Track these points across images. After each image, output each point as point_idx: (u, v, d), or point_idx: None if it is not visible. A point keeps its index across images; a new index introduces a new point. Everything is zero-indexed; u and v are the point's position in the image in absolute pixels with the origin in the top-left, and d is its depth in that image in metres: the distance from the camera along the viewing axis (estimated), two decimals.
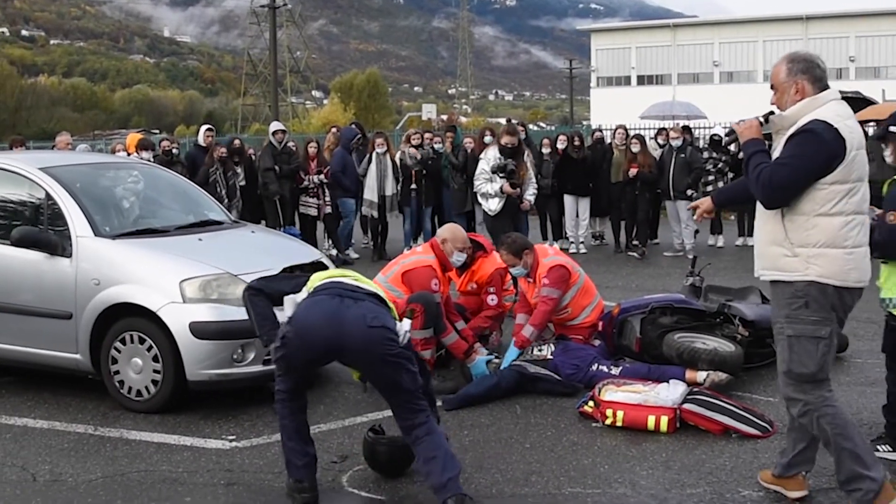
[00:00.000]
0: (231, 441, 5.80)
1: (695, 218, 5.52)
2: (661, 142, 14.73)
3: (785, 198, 4.27)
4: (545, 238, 14.89)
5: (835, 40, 61.14)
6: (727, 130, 4.88)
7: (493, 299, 7.81)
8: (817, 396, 4.33)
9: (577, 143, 14.44)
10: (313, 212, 13.89)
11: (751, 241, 12.02)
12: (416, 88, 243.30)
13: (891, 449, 5.20)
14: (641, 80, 66.75)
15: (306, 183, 13.70)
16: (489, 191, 10.18)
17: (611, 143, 14.77)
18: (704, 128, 22.39)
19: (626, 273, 12.49)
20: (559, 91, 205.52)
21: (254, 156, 14.67)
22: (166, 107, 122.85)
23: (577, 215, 14.54)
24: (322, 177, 13.68)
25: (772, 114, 4.48)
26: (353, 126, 15.35)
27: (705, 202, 5.01)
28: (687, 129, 15.25)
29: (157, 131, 70.40)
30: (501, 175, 10.02)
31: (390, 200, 13.90)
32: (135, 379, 6.37)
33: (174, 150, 13.79)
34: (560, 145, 14.49)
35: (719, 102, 33.14)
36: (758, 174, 4.29)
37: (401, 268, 7.22)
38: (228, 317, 6.21)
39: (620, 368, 6.80)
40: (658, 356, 6.92)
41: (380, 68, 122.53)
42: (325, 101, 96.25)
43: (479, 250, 7.91)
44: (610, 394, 6.03)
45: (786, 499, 4.66)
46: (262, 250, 7.30)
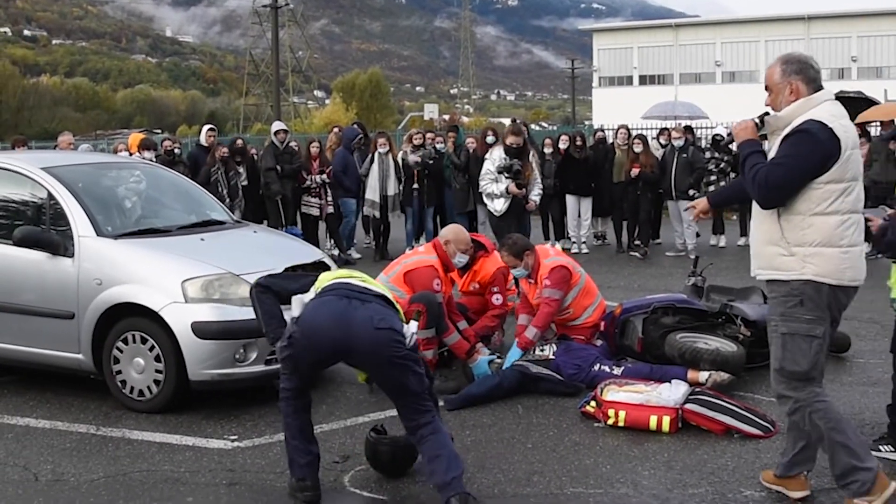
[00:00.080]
0: (233, 441, 5.80)
1: (691, 218, 5.53)
2: (663, 142, 14.73)
3: (781, 197, 4.29)
4: (547, 238, 14.88)
5: (837, 40, 61.13)
6: (729, 131, 4.90)
7: (498, 298, 7.80)
8: (808, 393, 4.36)
9: (579, 143, 14.43)
10: (315, 212, 13.88)
11: None
12: (417, 88, 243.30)
13: (893, 449, 5.19)
14: (643, 80, 66.71)
15: (308, 183, 13.70)
16: (495, 191, 10.15)
17: (613, 143, 14.77)
18: (706, 128, 22.37)
19: (628, 273, 12.48)
20: (561, 91, 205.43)
21: (256, 155, 14.66)
22: (168, 107, 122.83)
23: (580, 215, 14.53)
24: (324, 177, 13.68)
25: (767, 115, 4.51)
26: (356, 126, 15.37)
27: (701, 203, 5.06)
28: (689, 129, 15.23)
29: (160, 131, 70.36)
30: (507, 175, 10.00)
31: (392, 200, 13.89)
32: (137, 379, 6.37)
33: (176, 150, 13.82)
34: (562, 145, 14.50)
35: (721, 102, 33.05)
36: (754, 174, 4.32)
37: (403, 268, 7.22)
38: (230, 317, 6.21)
39: (622, 368, 6.80)
40: (660, 356, 6.92)
41: (382, 68, 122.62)
42: (327, 101, 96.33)
43: (481, 250, 7.90)
44: (612, 394, 6.03)
45: (788, 499, 4.66)
46: (264, 250, 7.30)
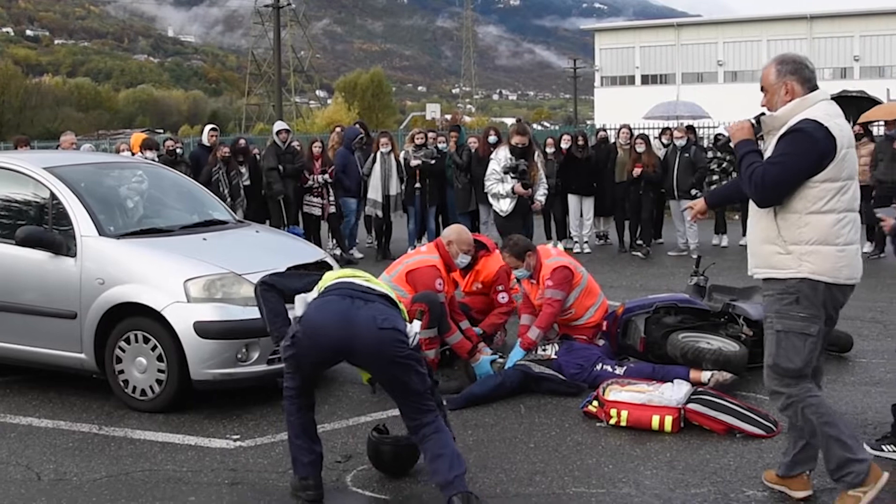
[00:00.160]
0: (235, 440, 5.80)
1: (689, 219, 5.55)
2: (665, 141, 14.72)
3: (777, 196, 4.32)
4: (549, 238, 14.87)
5: (839, 39, 61.12)
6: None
7: (503, 297, 7.80)
8: (800, 388, 4.39)
9: (581, 142, 14.43)
10: (317, 211, 13.87)
11: None
12: (419, 88, 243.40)
13: (895, 449, 5.19)
14: (645, 80, 66.71)
15: (311, 182, 13.70)
16: (500, 191, 10.14)
17: (615, 143, 14.77)
18: (708, 127, 22.37)
19: (630, 273, 12.48)
20: (563, 91, 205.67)
21: (258, 155, 14.66)
22: (170, 106, 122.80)
23: (582, 215, 14.53)
24: (326, 176, 13.67)
25: (763, 115, 4.53)
26: (357, 125, 15.36)
27: (699, 203, 5.11)
28: (691, 129, 15.23)
29: (162, 131, 70.27)
30: (513, 175, 9.98)
31: (395, 200, 13.88)
32: (139, 378, 6.38)
33: (178, 150, 13.83)
34: (564, 145, 14.49)
35: (723, 102, 33.05)
36: (750, 173, 4.35)
37: (405, 267, 7.22)
38: (232, 316, 6.21)
39: (625, 368, 6.79)
40: (662, 356, 6.92)
41: (384, 68, 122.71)
42: (329, 101, 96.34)
43: (482, 249, 7.89)
44: (614, 393, 6.02)
45: (790, 499, 4.66)
46: (266, 250, 7.30)
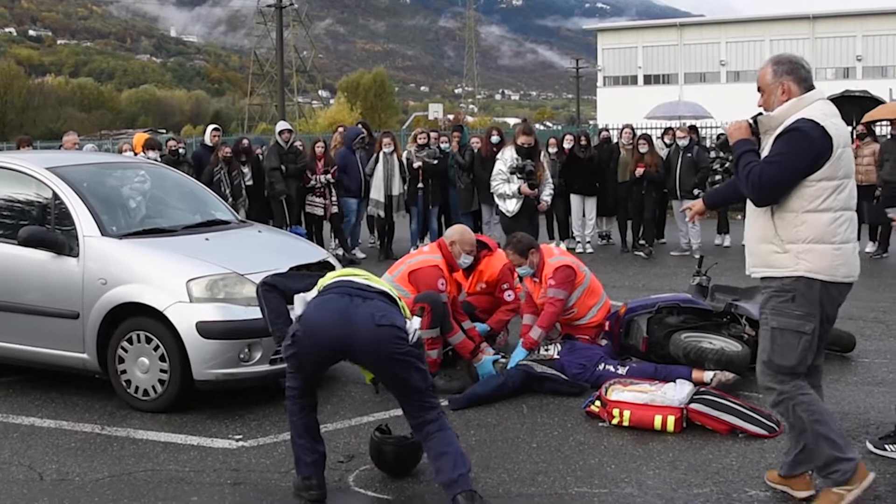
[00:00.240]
0: (238, 440, 5.80)
1: (687, 220, 5.57)
2: (667, 141, 14.71)
3: (774, 195, 4.34)
4: (552, 238, 14.86)
5: (842, 39, 61.09)
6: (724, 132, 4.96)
7: (510, 295, 7.81)
8: (793, 385, 4.41)
9: (583, 142, 14.43)
10: (319, 211, 13.87)
11: None
12: (422, 88, 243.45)
13: None
14: (648, 80, 66.68)
15: (313, 182, 13.70)
16: (507, 191, 10.12)
17: (617, 143, 14.76)
18: (711, 127, 22.35)
19: (632, 273, 12.48)
20: (565, 90, 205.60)
21: (261, 155, 14.67)
22: (173, 106, 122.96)
23: (584, 215, 14.52)
24: (329, 176, 13.67)
25: (760, 115, 4.55)
26: (360, 125, 15.36)
27: (697, 204, 5.15)
28: (693, 129, 15.21)
29: (164, 131, 70.49)
30: (520, 176, 9.97)
31: (397, 200, 13.87)
32: (141, 378, 6.38)
33: (181, 150, 13.82)
34: (566, 145, 14.48)
35: (726, 102, 33.01)
36: (747, 173, 4.37)
37: (407, 267, 7.22)
38: (235, 316, 6.22)
39: (627, 368, 6.79)
40: (665, 356, 6.92)
41: (386, 68, 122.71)
42: (332, 101, 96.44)
43: (484, 249, 7.89)
44: (616, 393, 6.02)
45: (792, 499, 4.65)
46: (268, 250, 7.31)
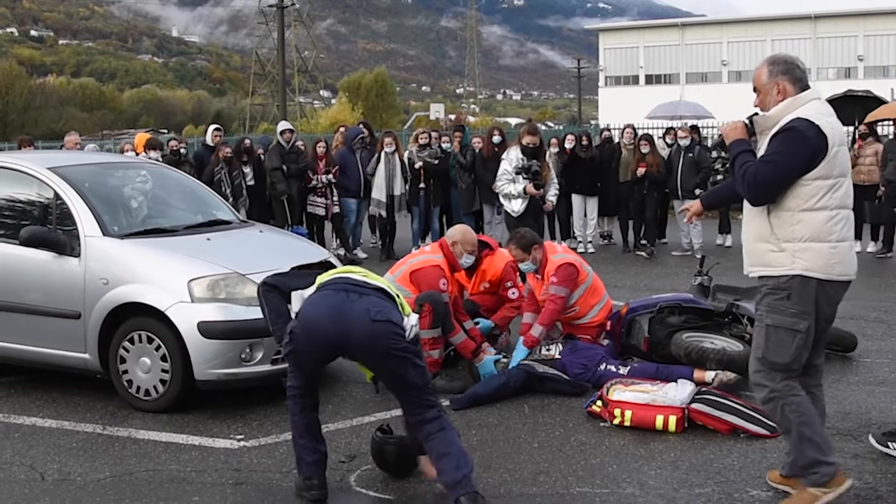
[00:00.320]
0: (239, 440, 5.80)
1: (685, 220, 5.58)
2: (669, 141, 14.70)
3: (770, 194, 4.37)
4: (553, 237, 14.85)
5: (843, 39, 61.07)
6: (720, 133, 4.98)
7: (514, 292, 7.82)
8: (784, 385, 4.42)
9: (584, 142, 14.41)
10: (321, 211, 13.88)
11: None
12: (423, 88, 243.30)
13: None
14: (650, 80, 66.67)
15: (314, 182, 13.70)
16: (512, 192, 10.10)
17: (619, 143, 14.75)
18: (712, 127, 22.33)
19: (634, 272, 12.47)
20: (567, 90, 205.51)
21: (262, 155, 14.67)
22: (174, 107, 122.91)
23: (586, 215, 14.51)
24: (330, 176, 13.68)
25: (756, 115, 4.57)
26: (360, 125, 15.36)
27: (695, 205, 5.21)
28: (695, 129, 15.21)
29: (166, 131, 70.51)
30: (525, 176, 9.96)
31: (399, 200, 13.87)
32: (143, 378, 6.38)
33: (182, 150, 13.84)
34: (568, 145, 14.45)
35: (727, 102, 32.99)
36: (743, 172, 4.40)
37: (409, 267, 7.22)
38: (236, 316, 6.22)
39: (628, 368, 6.78)
40: (666, 356, 6.92)
41: (388, 68, 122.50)
42: (333, 101, 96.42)
43: (485, 248, 7.88)
44: (618, 393, 6.02)
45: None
46: (270, 250, 7.30)
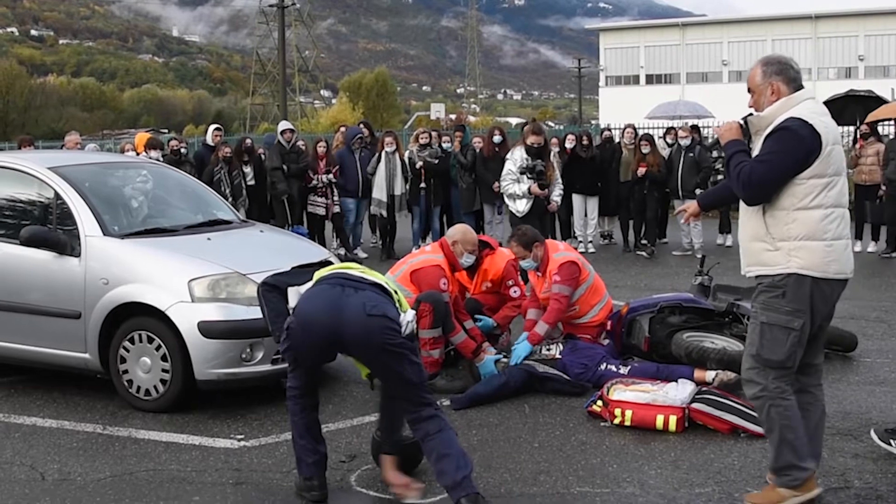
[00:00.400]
0: (239, 440, 5.80)
1: (682, 221, 5.59)
2: (669, 141, 14.70)
3: (764, 194, 4.38)
4: (554, 237, 14.83)
5: (844, 39, 61.11)
6: (715, 134, 5.00)
7: (515, 291, 7.83)
8: (776, 386, 4.44)
9: (585, 142, 14.40)
10: (321, 211, 13.88)
11: None
12: (424, 88, 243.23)
13: None
14: (650, 80, 66.73)
15: (315, 182, 13.70)
16: (516, 192, 10.10)
17: (619, 143, 14.75)
18: (713, 127, 22.33)
19: (634, 272, 12.47)
20: (568, 90, 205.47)
21: (263, 155, 14.68)
22: (175, 106, 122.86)
23: (586, 214, 14.50)
24: (331, 176, 13.68)
25: (750, 115, 4.59)
26: (361, 125, 15.37)
27: (692, 206, 5.23)
28: (695, 129, 15.20)
29: (166, 131, 70.53)
30: (530, 176, 9.94)
31: (399, 199, 13.86)
32: (143, 378, 6.38)
33: (183, 150, 13.83)
34: (568, 145, 14.44)
35: (728, 101, 33.00)
36: (738, 172, 4.41)
37: (409, 267, 7.21)
38: (237, 316, 6.22)
39: (629, 368, 6.78)
40: (667, 355, 6.92)
41: (388, 67, 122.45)
42: (334, 101, 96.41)
43: (486, 248, 7.88)
44: (618, 393, 6.02)
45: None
46: (270, 249, 7.30)
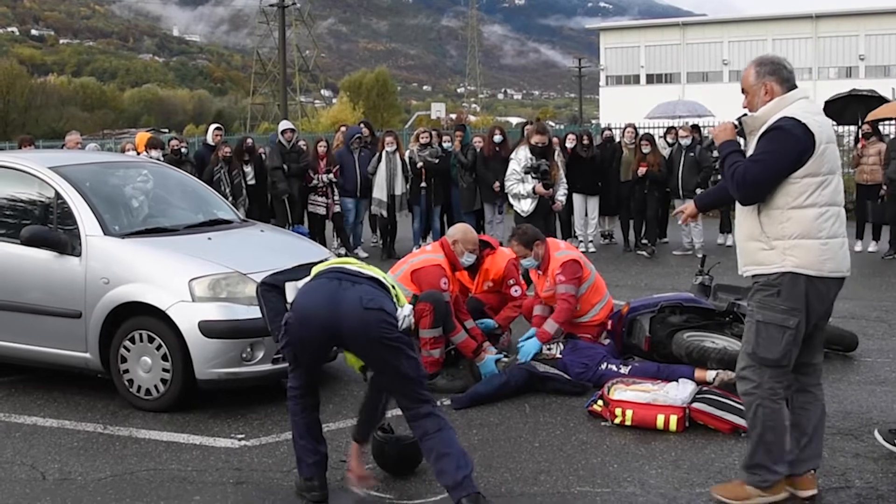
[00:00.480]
0: (240, 440, 5.80)
1: (679, 223, 5.60)
2: (670, 140, 14.69)
3: (759, 193, 4.40)
4: (554, 237, 14.82)
5: (844, 38, 61.09)
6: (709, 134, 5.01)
7: (517, 290, 7.84)
8: (770, 387, 4.45)
9: (586, 142, 14.39)
10: (322, 211, 13.88)
11: None
12: (424, 87, 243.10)
13: None
14: (650, 79, 66.70)
15: (315, 182, 13.71)
16: (521, 191, 10.09)
17: (620, 142, 14.74)
18: (713, 126, 22.34)
19: (635, 272, 12.47)
20: (568, 90, 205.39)
21: (263, 154, 14.69)
22: (175, 106, 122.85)
23: (587, 214, 14.51)
24: (331, 176, 13.68)
25: (744, 116, 4.60)
26: (361, 125, 15.37)
27: (689, 207, 5.22)
28: (696, 128, 15.19)
29: (167, 130, 70.49)
30: (534, 176, 9.94)
31: (400, 199, 13.86)
32: (144, 378, 6.38)
33: (183, 150, 13.83)
34: (569, 144, 14.43)
35: (728, 101, 33.01)
36: (732, 172, 4.43)
37: (410, 266, 7.22)
38: (237, 316, 6.21)
39: (629, 367, 6.77)
40: (667, 355, 6.91)
41: (389, 67, 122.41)
42: (334, 101, 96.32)
43: (486, 248, 7.89)
44: (619, 393, 6.02)
45: (795, 498, 4.65)
46: (271, 249, 7.29)
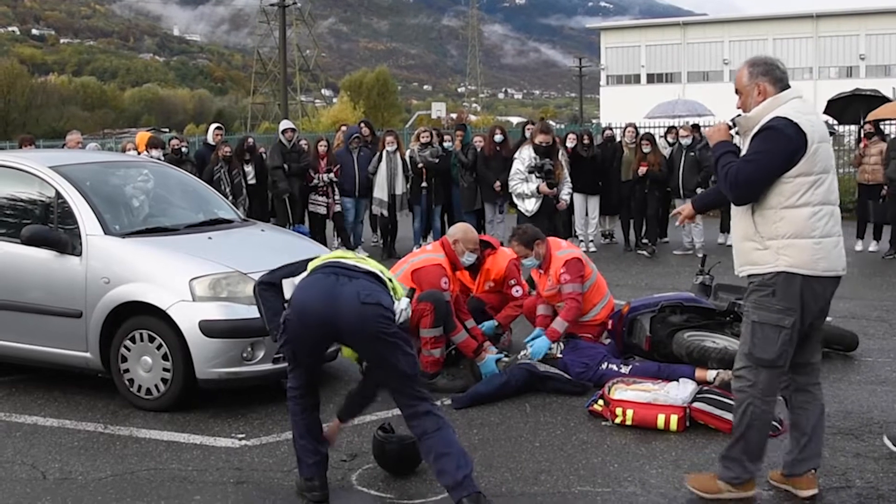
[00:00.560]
0: (241, 439, 5.80)
1: (677, 224, 5.61)
2: (670, 140, 14.69)
3: (752, 193, 4.41)
4: (558, 236, 14.82)
5: (845, 38, 61.09)
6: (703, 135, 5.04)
7: (518, 290, 7.85)
8: (763, 388, 4.47)
9: (586, 141, 14.38)
10: (322, 210, 13.89)
11: None
12: (425, 87, 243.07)
13: None
14: (651, 79, 66.70)
15: (316, 181, 13.71)
16: (525, 191, 10.08)
17: (620, 142, 14.74)
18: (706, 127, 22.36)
19: (635, 271, 12.47)
20: (569, 89, 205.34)
21: (264, 154, 14.69)
22: (176, 105, 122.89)
23: (587, 214, 14.51)
24: (332, 175, 13.68)
25: (738, 116, 4.63)
26: (362, 124, 15.37)
27: (686, 208, 5.24)
28: (696, 128, 15.18)
29: (167, 130, 70.44)
30: (538, 175, 9.94)
31: (400, 199, 13.87)
32: (144, 377, 6.38)
33: (184, 149, 13.83)
34: (570, 144, 14.42)
35: (729, 101, 32.99)
36: (725, 173, 4.45)
37: (410, 266, 7.21)
38: (238, 315, 6.21)
39: (630, 367, 6.77)
40: (668, 355, 6.91)
41: (389, 67, 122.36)
42: (335, 100, 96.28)
43: (487, 248, 7.89)
44: (620, 392, 6.02)
45: (796, 498, 4.65)
46: (271, 249, 7.29)
